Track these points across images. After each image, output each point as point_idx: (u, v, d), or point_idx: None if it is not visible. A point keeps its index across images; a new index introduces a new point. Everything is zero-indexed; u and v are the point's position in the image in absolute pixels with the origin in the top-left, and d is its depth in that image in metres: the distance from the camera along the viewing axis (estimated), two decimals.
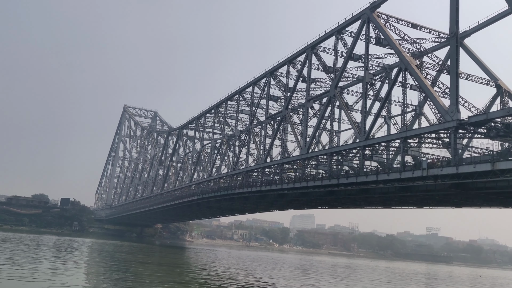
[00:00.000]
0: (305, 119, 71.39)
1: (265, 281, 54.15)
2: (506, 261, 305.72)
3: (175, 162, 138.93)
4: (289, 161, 72.28)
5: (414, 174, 44.74)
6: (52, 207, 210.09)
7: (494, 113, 41.22)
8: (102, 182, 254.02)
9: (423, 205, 61.45)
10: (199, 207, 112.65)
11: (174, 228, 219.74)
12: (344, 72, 66.12)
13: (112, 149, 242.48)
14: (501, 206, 53.81)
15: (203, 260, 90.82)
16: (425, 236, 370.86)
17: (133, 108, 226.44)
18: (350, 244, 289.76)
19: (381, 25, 57.73)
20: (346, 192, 59.86)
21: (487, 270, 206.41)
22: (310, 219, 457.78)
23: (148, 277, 47.69)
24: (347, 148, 58.89)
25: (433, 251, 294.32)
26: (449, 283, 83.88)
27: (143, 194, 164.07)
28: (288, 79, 78.54)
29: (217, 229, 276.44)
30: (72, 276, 40.63)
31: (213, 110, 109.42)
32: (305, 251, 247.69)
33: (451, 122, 43.63)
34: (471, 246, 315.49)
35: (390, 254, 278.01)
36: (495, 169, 37.00)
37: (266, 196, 78.91)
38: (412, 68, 51.17)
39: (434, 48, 62.00)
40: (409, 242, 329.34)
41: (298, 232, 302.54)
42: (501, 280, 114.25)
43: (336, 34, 66.28)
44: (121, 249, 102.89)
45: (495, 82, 57.56)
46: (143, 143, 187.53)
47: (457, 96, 45.26)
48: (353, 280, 73.14)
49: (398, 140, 51.97)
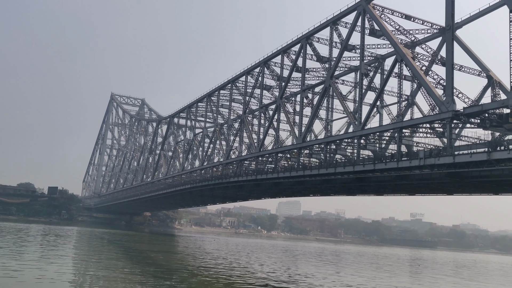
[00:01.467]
0: (301, 108, 72.37)
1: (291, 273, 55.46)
2: (487, 245, 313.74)
3: (166, 150, 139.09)
4: (284, 150, 73.26)
5: (412, 163, 46.16)
6: (40, 196, 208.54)
7: (488, 105, 42.69)
8: (89, 171, 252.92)
9: (416, 192, 63.16)
10: (192, 195, 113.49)
11: (163, 216, 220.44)
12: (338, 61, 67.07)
13: (99, 138, 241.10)
14: (491, 193, 55.63)
15: (208, 248, 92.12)
16: (409, 222, 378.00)
17: (121, 96, 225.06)
18: (337, 230, 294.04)
19: (377, 16, 58.68)
20: (341, 181, 61.22)
21: (472, 254, 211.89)
22: (296, 205, 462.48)
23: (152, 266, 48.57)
24: (344, 138, 60.09)
25: (418, 236, 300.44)
26: (455, 268, 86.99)
27: (133, 183, 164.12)
28: (282, 69, 79.18)
29: (205, 216, 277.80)
30: (61, 266, 40.72)
31: (205, 99, 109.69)
32: (293, 238, 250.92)
33: (447, 113, 44.97)
34: (454, 231, 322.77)
35: (376, 240, 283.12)
36: (491, 159, 38.53)
37: (260, 185, 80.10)
38: (408, 59, 52.35)
39: (427, 39, 63.24)
40: (394, 227, 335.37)
41: (286, 218, 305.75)
42: (498, 265, 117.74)
43: (331, 25, 67.00)
44: (114, 237, 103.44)
45: (486, 73, 59.13)
46: (132, 132, 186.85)
47: (452, 88, 46.62)
48: (363, 267, 74.88)
49: (392, 129, 53.38)
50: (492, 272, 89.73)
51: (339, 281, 47.84)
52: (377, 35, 62.71)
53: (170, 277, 39.59)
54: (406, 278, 60.75)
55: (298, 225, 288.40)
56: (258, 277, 45.00)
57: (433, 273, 71.67)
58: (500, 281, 69.26)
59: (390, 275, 60.34)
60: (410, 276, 65.41)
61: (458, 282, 59.03)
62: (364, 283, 48.08)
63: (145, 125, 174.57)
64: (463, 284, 57.36)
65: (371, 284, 47.53)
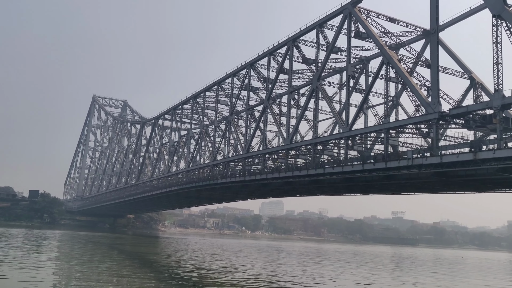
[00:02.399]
0: (288, 110, 73.28)
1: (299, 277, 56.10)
2: (466, 241, 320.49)
3: (150, 152, 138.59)
4: (272, 151, 74.05)
5: (400, 163, 47.40)
6: (20, 200, 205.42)
7: (473, 106, 44.21)
8: (71, 173, 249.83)
9: (402, 191, 64.69)
10: (178, 197, 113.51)
11: (147, 218, 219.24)
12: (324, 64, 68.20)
13: (81, 140, 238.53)
14: (474, 191, 57.51)
15: (208, 250, 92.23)
16: (391, 220, 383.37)
17: (102, 98, 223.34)
18: (320, 229, 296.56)
19: (363, 20, 59.89)
20: (330, 181, 62.26)
21: (453, 250, 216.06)
22: (279, 205, 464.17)
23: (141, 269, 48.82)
24: (333, 139, 61.19)
25: (399, 234, 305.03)
26: (449, 264, 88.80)
27: (117, 185, 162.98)
28: (269, 71, 79.99)
29: (189, 218, 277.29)
30: (41, 270, 40.00)
31: (190, 101, 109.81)
32: (277, 237, 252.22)
33: (433, 114, 46.35)
34: (435, 228, 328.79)
35: (359, 238, 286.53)
36: (476, 159, 39.94)
37: (248, 186, 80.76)
38: (394, 62, 53.66)
39: (410, 41, 64.77)
40: (376, 226, 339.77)
41: (270, 219, 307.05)
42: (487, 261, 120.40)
43: (317, 27, 68.08)
44: (102, 240, 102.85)
45: (468, 74, 60.85)
46: (115, 133, 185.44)
47: (438, 90, 48.04)
48: (363, 266, 76.06)
49: (380, 130, 54.65)
50: (492, 268, 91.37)
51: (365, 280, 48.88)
52: (362, 38, 63.98)
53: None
54: (418, 277, 59.59)
55: (282, 225, 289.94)
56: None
57: (439, 271, 72.65)
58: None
59: (403, 274, 61.09)
60: (421, 275, 63.97)
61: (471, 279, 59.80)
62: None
63: (128, 127, 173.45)
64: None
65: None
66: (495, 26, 42.57)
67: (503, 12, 42.06)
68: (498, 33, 42.33)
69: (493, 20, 42.84)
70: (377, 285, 46.95)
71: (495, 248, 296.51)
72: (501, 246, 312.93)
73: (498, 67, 41.53)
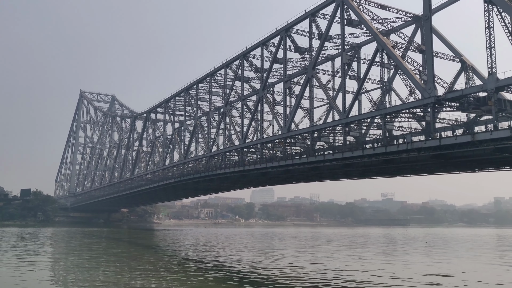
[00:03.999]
0: (284, 98, 74.50)
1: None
2: (456, 219, 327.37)
3: (144, 146, 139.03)
4: (269, 140, 75.37)
5: (399, 147, 49.07)
6: (13, 199, 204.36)
7: (469, 89, 45.91)
8: (61, 170, 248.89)
9: (398, 174, 66.61)
10: (175, 189, 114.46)
11: (141, 211, 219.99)
12: (315, 52, 69.49)
13: (70, 136, 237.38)
14: (469, 171, 59.65)
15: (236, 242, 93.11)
16: (381, 202, 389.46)
17: (90, 93, 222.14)
18: (313, 214, 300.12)
19: (356, 8, 61.07)
20: (329, 167, 63.84)
21: (444, 229, 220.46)
22: (270, 192, 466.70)
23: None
24: (331, 126, 62.62)
25: (390, 215, 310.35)
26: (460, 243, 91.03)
27: (111, 180, 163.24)
28: (263, 61, 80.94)
29: (182, 209, 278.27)
30: (38, 269, 39.12)
31: (183, 93, 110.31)
32: (271, 224, 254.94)
33: (430, 99, 47.99)
34: (425, 208, 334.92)
35: (351, 221, 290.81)
36: (474, 140, 41.72)
37: (247, 175, 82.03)
38: (389, 49, 55.08)
39: (401, 27, 66.37)
40: (367, 208, 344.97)
41: (262, 206, 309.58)
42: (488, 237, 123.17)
43: (310, 17, 69.13)
44: (107, 234, 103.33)
45: (459, 58, 62.69)
46: (106, 128, 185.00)
47: (433, 75, 49.63)
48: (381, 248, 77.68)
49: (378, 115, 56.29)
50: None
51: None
52: (354, 25, 65.32)
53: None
54: (447, 257, 58.28)
55: (275, 211, 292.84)
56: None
57: (461, 250, 73.43)
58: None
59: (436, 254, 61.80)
60: (453, 254, 63.80)
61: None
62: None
63: (119, 121, 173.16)
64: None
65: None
66: (487, 11, 44.11)
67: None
68: (490, 18, 43.91)
69: (484, 6, 44.35)
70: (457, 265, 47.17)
71: (483, 225, 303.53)
72: (489, 222, 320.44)
73: (492, 51, 43.15)
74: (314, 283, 33.03)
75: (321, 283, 33.04)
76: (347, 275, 37.17)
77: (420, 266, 45.58)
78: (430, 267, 44.54)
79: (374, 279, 35.38)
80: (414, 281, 34.47)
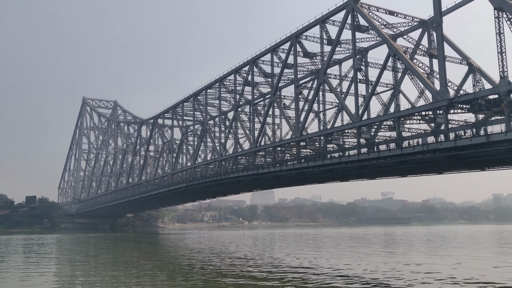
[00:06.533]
0: (296, 103, 76.52)
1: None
2: (456, 216, 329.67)
3: (152, 151, 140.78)
4: (283, 144, 77.41)
5: (415, 149, 51.15)
6: (19, 206, 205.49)
7: (481, 92, 48.03)
8: (65, 177, 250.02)
9: (409, 174, 68.69)
10: (185, 193, 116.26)
11: (146, 215, 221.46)
12: (326, 57, 71.65)
13: (73, 143, 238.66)
14: (479, 169, 61.82)
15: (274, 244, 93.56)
16: (381, 201, 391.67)
17: (92, 100, 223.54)
18: (315, 215, 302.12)
19: (366, 15, 63.28)
20: (344, 169, 65.86)
21: (447, 226, 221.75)
22: (270, 194, 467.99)
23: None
24: (346, 128, 64.59)
25: (392, 214, 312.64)
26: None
27: (117, 185, 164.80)
28: (273, 67, 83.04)
29: (186, 212, 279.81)
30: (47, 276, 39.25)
31: (191, 99, 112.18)
32: (274, 226, 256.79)
33: (443, 102, 50.15)
34: (425, 206, 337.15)
35: (353, 221, 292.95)
36: (489, 141, 43.86)
37: (260, 178, 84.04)
38: (400, 54, 57.25)
39: (408, 31, 68.78)
40: (368, 208, 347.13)
41: (265, 208, 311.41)
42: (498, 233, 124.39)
43: (320, 23, 71.30)
44: (119, 239, 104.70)
45: (466, 61, 64.83)
46: (111, 135, 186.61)
47: (445, 79, 51.81)
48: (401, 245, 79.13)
49: (392, 118, 58.46)
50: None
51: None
52: (362, 30, 67.68)
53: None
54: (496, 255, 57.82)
55: (278, 213, 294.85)
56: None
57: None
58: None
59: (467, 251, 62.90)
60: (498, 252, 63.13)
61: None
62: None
63: (124, 127, 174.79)
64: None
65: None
66: (497, 18, 46.34)
67: (504, 5, 45.78)
68: (500, 24, 46.13)
69: (495, 13, 46.58)
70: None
71: (484, 221, 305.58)
72: (489, 218, 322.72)
73: (503, 56, 45.39)
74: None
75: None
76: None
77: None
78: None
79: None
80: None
